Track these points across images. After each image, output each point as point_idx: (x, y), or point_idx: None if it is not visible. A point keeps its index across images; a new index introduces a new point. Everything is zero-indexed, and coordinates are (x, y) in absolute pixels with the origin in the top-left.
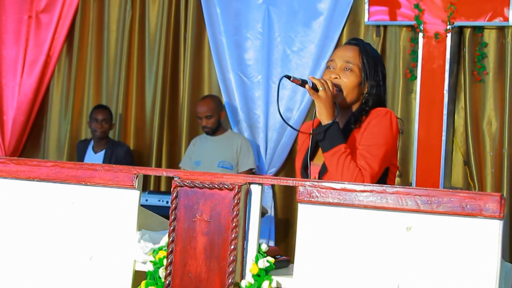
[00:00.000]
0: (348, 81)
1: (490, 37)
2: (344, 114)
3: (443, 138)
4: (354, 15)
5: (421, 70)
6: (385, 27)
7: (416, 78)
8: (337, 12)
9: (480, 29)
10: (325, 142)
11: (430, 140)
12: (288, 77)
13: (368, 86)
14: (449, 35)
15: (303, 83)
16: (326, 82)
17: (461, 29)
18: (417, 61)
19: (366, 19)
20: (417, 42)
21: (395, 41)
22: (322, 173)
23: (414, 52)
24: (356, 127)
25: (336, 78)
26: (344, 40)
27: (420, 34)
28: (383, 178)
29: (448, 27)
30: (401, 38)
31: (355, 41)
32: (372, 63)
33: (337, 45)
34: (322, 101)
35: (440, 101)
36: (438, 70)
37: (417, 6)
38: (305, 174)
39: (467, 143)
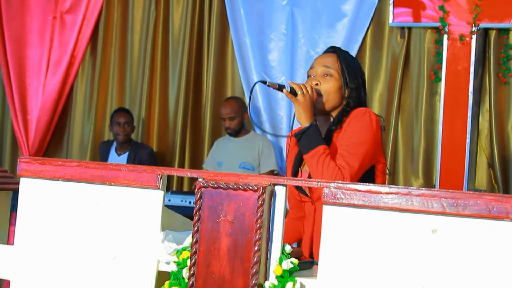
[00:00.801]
0: (328, 86)
1: None
2: (327, 120)
3: (468, 140)
4: (378, 16)
5: (445, 72)
6: (409, 28)
7: (440, 80)
8: (361, 13)
9: (506, 31)
10: (304, 144)
11: (454, 142)
12: (264, 82)
13: (349, 90)
14: (474, 37)
15: (280, 87)
16: (305, 87)
17: (486, 31)
18: (441, 63)
19: (390, 20)
20: (442, 44)
21: (420, 42)
22: None
23: (439, 54)
24: (337, 129)
25: (317, 84)
26: (369, 41)
27: (445, 36)
28: (370, 175)
29: (473, 29)
30: (425, 40)
31: (332, 49)
32: (351, 67)
33: (361, 47)
34: (300, 105)
35: (464, 103)
36: (462, 72)
37: (442, 7)
38: None
39: (492, 145)
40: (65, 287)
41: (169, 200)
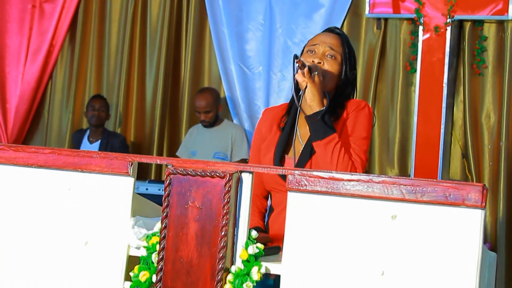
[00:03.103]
0: (331, 68)
1: (490, 31)
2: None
3: (442, 131)
4: (355, 7)
5: (420, 63)
6: (385, 20)
7: (415, 71)
8: (338, 4)
9: (480, 22)
10: (317, 130)
11: (429, 133)
12: (296, 57)
13: (346, 78)
14: (449, 28)
15: (303, 65)
16: (317, 67)
17: (461, 23)
18: (417, 54)
19: (367, 11)
20: (417, 35)
21: (396, 34)
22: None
23: (414, 45)
24: (336, 119)
25: (320, 63)
26: (345, 32)
27: (420, 27)
28: None
29: (448, 20)
30: (401, 31)
31: (338, 30)
32: (353, 55)
33: None
34: (315, 87)
35: (439, 94)
36: (437, 63)
37: None
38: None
39: (466, 136)
40: (37, 271)
41: (147, 189)
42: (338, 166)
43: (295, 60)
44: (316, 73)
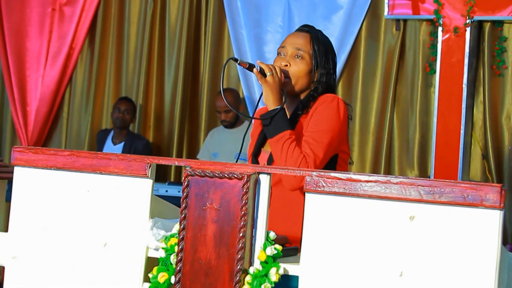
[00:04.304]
0: (298, 69)
1: (509, 31)
2: (293, 102)
3: (462, 132)
4: (374, 9)
5: (440, 64)
6: (405, 21)
7: (435, 72)
8: (357, 6)
9: (500, 23)
10: (270, 128)
11: (449, 134)
12: (235, 60)
13: (318, 74)
14: (468, 29)
15: (250, 67)
16: (275, 68)
17: (480, 23)
18: (436, 55)
19: (386, 13)
20: (437, 36)
21: (415, 35)
22: (270, 161)
23: (434, 46)
24: (303, 113)
25: (287, 65)
26: (364, 34)
27: (440, 28)
28: (332, 165)
29: (468, 21)
30: (420, 32)
31: (306, 28)
32: (323, 50)
33: (356, 39)
34: (269, 86)
35: (458, 95)
36: (457, 64)
37: (436, 0)
38: (256, 161)
39: (486, 137)
40: (57, 273)
41: (167, 191)
42: (287, 162)
43: (237, 62)
44: (269, 73)
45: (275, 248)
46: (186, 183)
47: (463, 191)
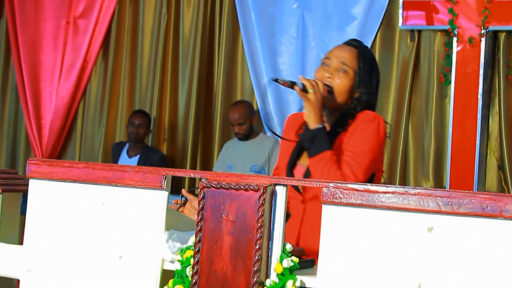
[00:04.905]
0: (340, 83)
1: None
2: (332, 116)
3: (477, 142)
4: (388, 19)
5: (455, 74)
6: (419, 31)
7: (450, 82)
8: (371, 16)
9: None
10: (311, 147)
11: (464, 145)
12: (276, 80)
13: (360, 92)
14: (483, 39)
15: (292, 84)
16: (317, 84)
17: (495, 34)
18: (451, 65)
19: (400, 23)
20: (451, 47)
21: (429, 45)
22: (307, 177)
23: (448, 57)
24: (343, 130)
25: (330, 77)
26: (378, 44)
27: (454, 39)
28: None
29: (483, 31)
30: (435, 43)
31: (355, 43)
32: (368, 69)
33: (371, 50)
34: (311, 104)
35: (474, 106)
36: (472, 75)
37: (451, 10)
38: (291, 174)
39: (501, 147)
40: (72, 285)
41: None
42: None
43: (278, 82)
44: (312, 91)
45: (291, 260)
46: (202, 195)
47: (482, 202)
